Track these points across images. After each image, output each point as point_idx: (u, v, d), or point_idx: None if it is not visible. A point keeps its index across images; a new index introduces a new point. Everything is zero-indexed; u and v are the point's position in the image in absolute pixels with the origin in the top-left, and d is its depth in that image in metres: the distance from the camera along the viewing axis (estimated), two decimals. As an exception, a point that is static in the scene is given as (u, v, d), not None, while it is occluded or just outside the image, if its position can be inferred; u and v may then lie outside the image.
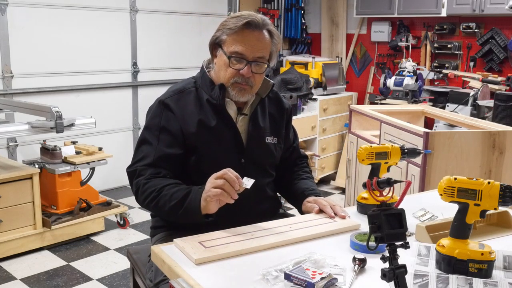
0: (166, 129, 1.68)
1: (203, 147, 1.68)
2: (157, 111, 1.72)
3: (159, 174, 1.63)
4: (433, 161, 2.72)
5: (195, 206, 1.50)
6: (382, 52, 5.51)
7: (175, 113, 1.69)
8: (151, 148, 1.67)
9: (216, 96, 1.69)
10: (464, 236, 1.26)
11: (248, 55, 1.64)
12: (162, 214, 1.67)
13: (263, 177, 1.80)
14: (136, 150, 1.72)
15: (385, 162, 1.67)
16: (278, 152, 1.85)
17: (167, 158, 1.65)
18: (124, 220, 3.74)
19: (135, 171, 1.66)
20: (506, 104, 3.55)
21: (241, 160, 1.72)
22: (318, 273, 1.19)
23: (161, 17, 4.82)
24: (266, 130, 1.80)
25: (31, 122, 3.08)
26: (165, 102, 1.71)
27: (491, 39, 4.58)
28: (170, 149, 1.66)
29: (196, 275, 1.21)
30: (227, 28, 1.65)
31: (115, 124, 4.59)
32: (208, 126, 1.69)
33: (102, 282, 2.94)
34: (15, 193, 3.13)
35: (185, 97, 1.72)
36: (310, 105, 4.87)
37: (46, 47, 4.04)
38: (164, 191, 1.57)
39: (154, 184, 1.60)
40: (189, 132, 1.67)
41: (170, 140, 1.67)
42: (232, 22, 1.65)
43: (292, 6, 5.93)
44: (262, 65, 1.68)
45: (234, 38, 1.64)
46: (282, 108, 1.89)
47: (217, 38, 1.69)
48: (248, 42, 1.63)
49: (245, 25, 1.63)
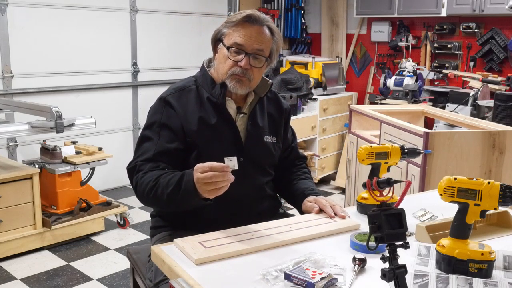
0: (167, 125, 1.68)
1: (204, 144, 1.68)
2: (158, 108, 1.72)
3: (158, 167, 1.63)
4: (433, 161, 2.72)
5: (190, 186, 1.46)
6: (382, 52, 5.51)
7: (176, 110, 1.69)
8: (152, 143, 1.67)
9: (217, 94, 1.70)
10: (464, 236, 1.26)
11: (247, 46, 1.66)
12: (163, 204, 1.62)
13: (262, 176, 1.80)
14: (137, 147, 1.72)
15: (385, 162, 1.67)
16: (277, 151, 1.85)
17: (167, 153, 1.66)
18: (124, 220, 3.74)
19: (134, 167, 1.66)
20: (506, 104, 3.55)
21: (240, 158, 1.72)
22: (318, 273, 1.19)
23: (161, 17, 4.82)
24: (264, 129, 1.80)
25: (31, 122, 3.08)
26: (166, 99, 1.72)
27: (491, 39, 4.58)
28: (171, 144, 1.66)
29: (196, 275, 1.21)
30: (229, 22, 1.69)
31: (115, 124, 4.59)
32: (209, 123, 1.69)
33: (102, 282, 2.94)
34: (15, 193, 3.13)
35: (186, 94, 1.73)
36: (310, 105, 4.87)
37: (46, 47, 4.04)
38: (161, 179, 1.56)
39: (151, 175, 1.60)
40: (190, 129, 1.68)
41: (171, 136, 1.67)
42: (234, 17, 1.69)
43: (292, 6, 5.93)
44: (261, 59, 1.69)
45: (234, 30, 1.67)
46: (280, 108, 1.89)
47: (219, 32, 1.72)
48: (247, 34, 1.66)
49: (245, 18, 1.66)
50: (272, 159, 1.84)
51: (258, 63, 1.69)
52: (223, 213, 1.65)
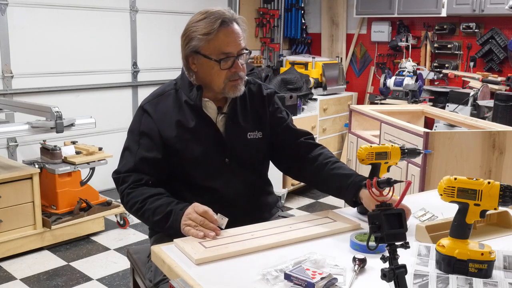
0: (146, 133, 1.69)
1: (184, 149, 1.68)
2: (137, 117, 1.75)
3: (141, 180, 1.65)
4: (433, 161, 2.72)
5: (177, 225, 1.52)
6: (382, 52, 5.51)
7: (153, 118, 1.70)
8: (132, 153, 1.69)
9: (194, 97, 1.69)
10: (464, 236, 1.26)
11: (234, 51, 1.65)
12: (148, 224, 1.70)
13: (251, 174, 1.78)
14: (121, 156, 1.74)
15: (385, 162, 1.67)
16: (263, 147, 1.81)
17: (147, 162, 1.67)
18: (124, 220, 3.74)
19: (118, 178, 1.69)
20: (506, 104, 3.55)
21: (225, 159, 1.72)
22: (318, 273, 1.19)
23: (161, 17, 4.82)
24: (247, 126, 1.77)
25: (31, 122, 3.08)
26: (144, 107, 1.73)
27: (491, 39, 4.58)
28: (150, 153, 1.67)
29: (196, 275, 1.21)
30: (201, 35, 1.62)
31: (115, 124, 4.59)
32: (187, 127, 1.69)
33: (102, 282, 2.94)
34: (15, 193, 3.13)
35: (163, 100, 1.73)
36: (310, 105, 4.87)
37: (46, 47, 4.04)
38: (147, 205, 1.60)
39: (137, 195, 1.62)
40: (168, 135, 1.68)
41: (150, 144, 1.68)
42: (205, 27, 1.62)
43: (292, 6, 5.93)
44: (245, 54, 1.69)
45: (216, 41, 1.62)
46: (261, 97, 1.84)
47: (194, 47, 1.65)
48: (231, 40, 1.64)
49: (221, 25, 1.62)
50: (258, 155, 1.81)
51: (245, 59, 1.70)
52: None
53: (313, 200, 4.58)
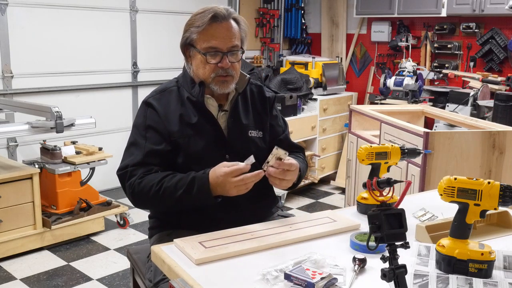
0: (152, 127, 1.70)
1: (186, 143, 1.69)
2: (141, 111, 1.75)
3: (150, 171, 1.65)
4: (433, 161, 2.72)
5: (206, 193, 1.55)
6: (382, 52, 5.51)
7: (158, 111, 1.71)
8: (140, 147, 1.69)
9: (196, 93, 1.71)
10: (464, 236, 1.26)
11: (222, 47, 1.66)
12: (169, 205, 1.65)
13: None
14: (125, 152, 1.73)
15: (385, 162, 1.67)
16: (263, 146, 1.82)
17: (155, 154, 1.67)
18: (124, 220, 3.74)
19: (126, 173, 1.67)
20: (506, 104, 3.55)
21: (226, 155, 1.72)
22: (318, 273, 1.19)
23: (161, 17, 4.82)
24: (249, 124, 1.79)
25: (31, 122, 3.08)
26: (148, 101, 1.74)
27: (491, 39, 4.58)
28: (158, 146, 1.68)
29: (196, 275, 1.21)
30: (194, 27, 1.68)
31: (115, 124, 4.59)
32: (189, 123, 1.71)
33: (102, 282, 2.94)
34: (15, 193, 3.13)
35: (167, 96, 1.76)
36: (310, 105, 4.87)
37: (46, 47, 4.04)
38: (165, 184, 1.59)
39: (150, 180, 1.61)
40: (172, 129, 1.69)
41: (157, 137, 1.69)
42: (198, 20, 1.67)
43: (292, 6, 5.93)
44: (237, 53, 1.71)
45: (204, 34, 1.66)
46: (264, 98, 1.88)
47: (187, 38, 1.71)
48: (219, 35, 1.66)
49: (211, 19, 1.65)
50: (258, 153, 1.80)
51: (236, 58, 1.71)
52: (219, 212, 1.65)
53: (313, 200, 4.59)
